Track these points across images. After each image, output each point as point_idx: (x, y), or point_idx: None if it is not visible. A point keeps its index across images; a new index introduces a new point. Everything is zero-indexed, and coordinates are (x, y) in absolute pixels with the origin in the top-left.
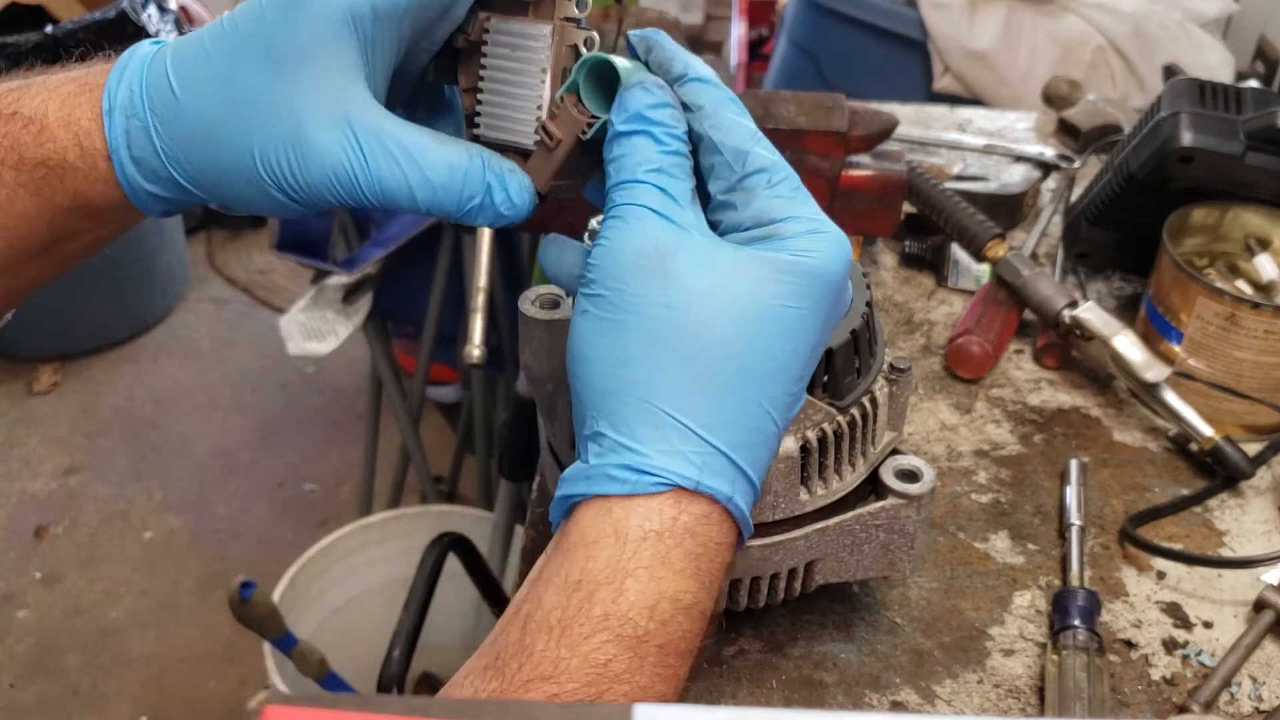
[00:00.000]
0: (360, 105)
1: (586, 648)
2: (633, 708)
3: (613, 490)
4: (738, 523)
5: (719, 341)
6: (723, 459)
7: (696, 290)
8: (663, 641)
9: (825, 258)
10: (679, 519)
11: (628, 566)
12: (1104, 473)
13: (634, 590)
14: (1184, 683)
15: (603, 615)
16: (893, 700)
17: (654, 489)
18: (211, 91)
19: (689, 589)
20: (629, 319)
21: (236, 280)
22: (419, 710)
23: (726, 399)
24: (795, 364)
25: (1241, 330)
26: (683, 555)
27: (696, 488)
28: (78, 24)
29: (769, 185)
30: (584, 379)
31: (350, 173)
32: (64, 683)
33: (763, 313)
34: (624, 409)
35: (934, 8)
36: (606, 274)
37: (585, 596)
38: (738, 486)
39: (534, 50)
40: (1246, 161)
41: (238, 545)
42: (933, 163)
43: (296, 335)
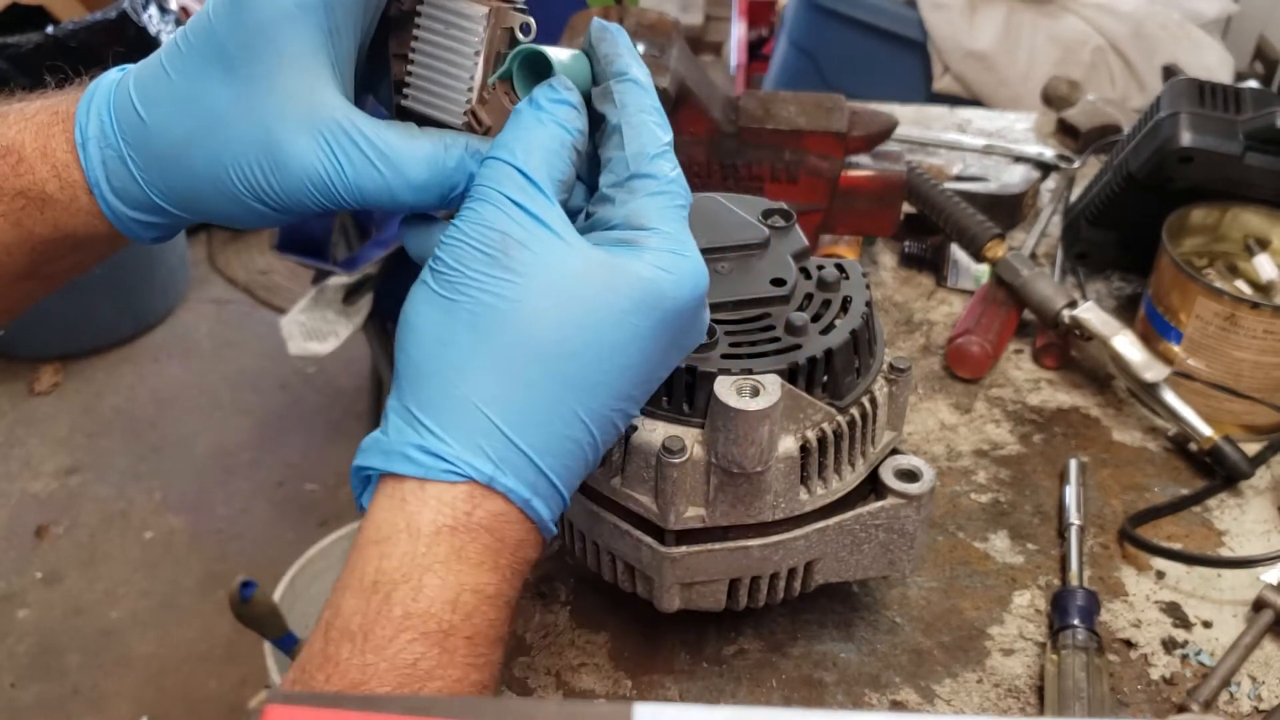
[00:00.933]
0: (328, 105)
1: (392, 650)
2: (633, 707)
3: (406, 470)
4: (538, 526)
5: (544, 342)
6: (524, 460)
7: (534, 287)
8: (470, 633)
9: (678, 281)
10: (473, 514)
11: (423, 562)
12: (1103, 472)
13: (433, 586)
14: (1183, 682)
15: (404, 615)
16: (893, 700)
17: (447, 477)
18: (175, 111)
19: (490, 580)
20: (461, 300)
21: (237, 280)
22: (419, 710)
23: (539, 401)
24: (624, 381)
25: (1241, 330)
26: (479, 549)
27: (490, 484)
28: (79, 24)
29: (651, 193)
30: (405, 349)
31: (326, 178)
32: (64, 683)
33: (597, 321)
34: (433, 390)
35: (934, 8)
36: (451, 252)
37: (383, 598)
38: (539, 490)
39: (468, 30)
40: (1246, 162)
41: (238, 545)
42: (932, 163)
43: (297, 335)
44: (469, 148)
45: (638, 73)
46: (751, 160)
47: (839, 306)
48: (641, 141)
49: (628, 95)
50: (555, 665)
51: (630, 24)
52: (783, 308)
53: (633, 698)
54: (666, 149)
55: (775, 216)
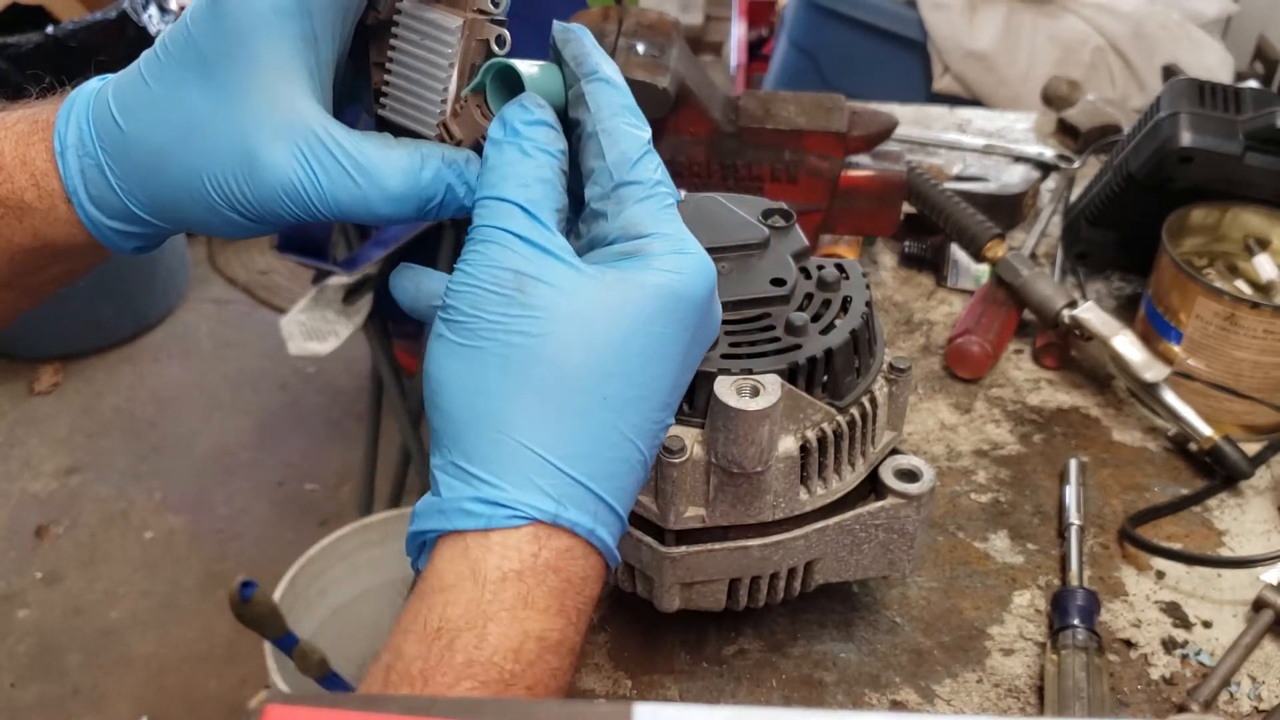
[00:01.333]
0: (305, 114)
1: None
2: (633, 707)
3: (467, 525)
4: (603, 555)
5: (578, 370)
6: (583, 490)
7: (556, 318)
8: (531, 683)
9: (689, 279)
10: (539, 555)
11: (488, 610)
12: (1103, 472)
13: (496, 634)
14: (1183, 682)
15: (465, 663)
16: (893, 700)
17: (510, 523)
18: (153, 118)
19: (555, 626)
20: (486, 346)
21: (237, 280)
22: (419, 710)
23: (586, 429)
24: (660, 390)
25: (1241, 330)
26: (546, 593)
27: (555, 521)
28: (79, 24)
29: (640, 198)
30: (439, 407)
31: (301, 189)
32: (64, 682)
33: (624, 339)
34: (479, 439)
35: (934, 8)
36: (464, 299)
37: (446, 645)
38: (601, 518)
39: (443, 42)
40: (1246, 162)
41: (238, 545)
42: (932, 163)
43: (297, 335)
44: (445, 159)
45: (607, 70)
46: (751, 160)
47: (839, 306)
48: (621, 148)
49: (600, 97)
50: None
51: (630, 24)
52: (783, 308)
53: (633, 698)
54: (647, 150)
55: (775, 216)
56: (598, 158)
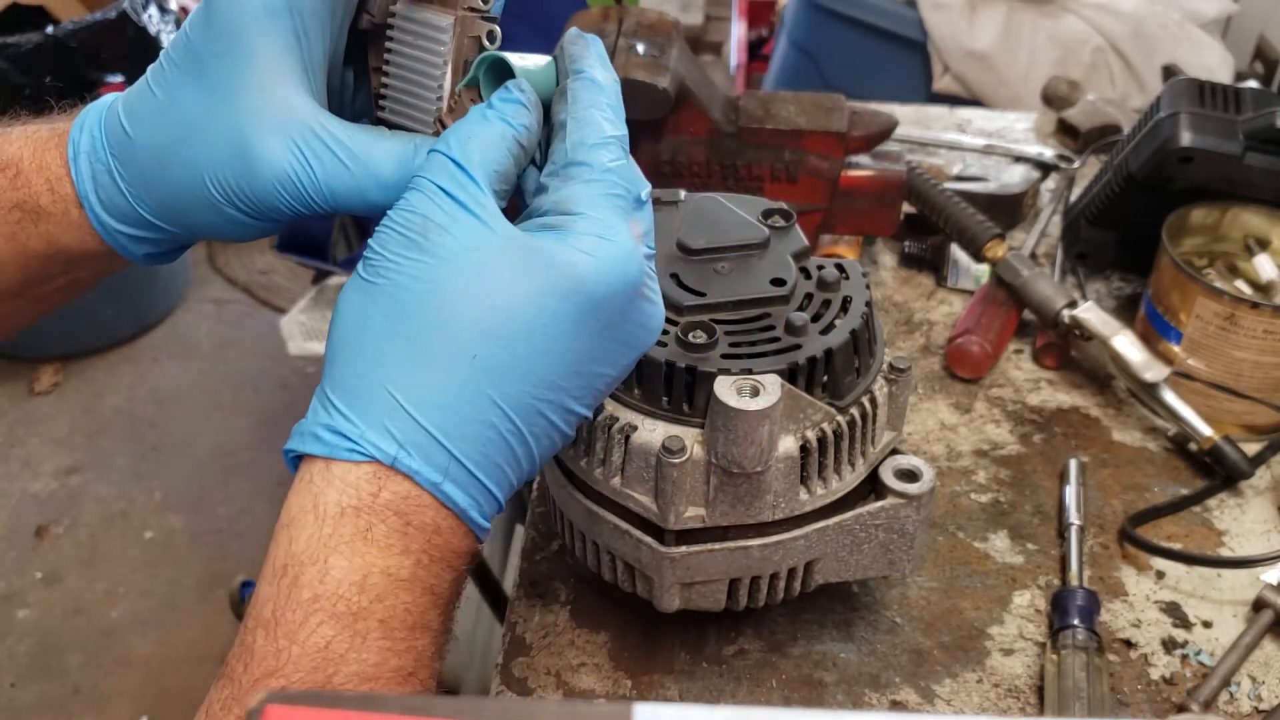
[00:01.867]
0: (298, 107)
1: (303, 634)
2: (633, 707)
3: (314, 450)
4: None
5: (456, 324)
6: (433, 443)
7: (449, 270)
8: (383, 616)
9: (599, 265)
10: (379, 495)
11: (329, 543)
12: (1103, 472)
13: (340, 567)
14: (1183, 682)
15: (312, 597)
16: (892, 700)
17: (349, 456)
18: (156, 121)
19: (402, 564)
20: (380, 284)
21: (237, 281)
22: (419, 710)
23: (450, 383)
24: (542, 367)
25: (1241, 330)
26: (387, 531)
27: (394, 464)
28: (79, 24)
29: (584, 180)
30: (330, 335)
31: (296, 180)
32: (65, 682)
33: (511, 304)
34: (346, 371)
35: (934, 8)
36: (379, 239)
37: (292, 581)
38: (453, 475)
39: (436, 40)
40: (1246, 162)
41: (238, 545)
42: (932, 163)
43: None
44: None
45: (598, 74)
46: (751, 160)
47: (839, 306)
48: (582, 133)
49: (580, 92)
50: (555, 665)
51: (630, 24)
52: (783, 308)
53: (633, 698)
54: (610, 141)
55: (775, 216)
56: (559, 140)
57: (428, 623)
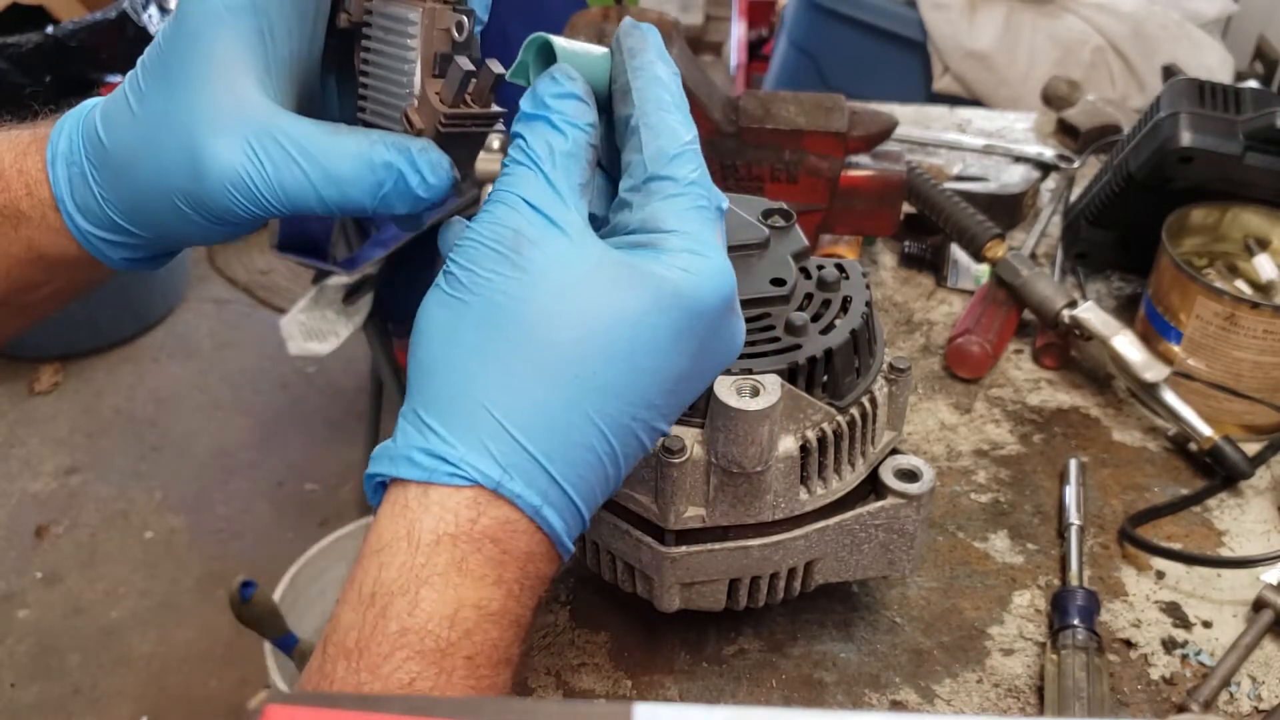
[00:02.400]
0: (251, 107)
1: (387, 668)
2: (633, 707)
3: (410, 475)
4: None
5: (556, 342)
6: (535, 465)
7: (545, 285)
8: (470, 652)
9: (697, 282)
10: (477, 522)
11: (421, 574)
12: (1103, 472)
13: (430, 600)
14: (1183, 682)
15: (399, 630)
16: (893, 700)
17: (450, 481)
18: (126, 126)
19: (493, 596)
20: (472, 300)
21: (237, 280)
22: (419, 710)
23: (550, 403)
24: (645, 387)
25: (1241, 330)
26: (482, 561)
27: (497, 489)
28: (79, 24)
29: (669, 195)
30: (414, 354)
31: (249, 181)
32: (64, 682)
33: (613, 322)
34: (441, 391)
35: (934, 8)
36: (463, 252)
37: (380, 611)
38: (552, 499)
39: (406, 34)
40: (1246, 162)
41: (238, 545)
42: (932, 163)
43: (297, 335)
44: (395, 144)
45: (660, 70)
46: (751, 160)
47: (839, 306)
48: (660, 142)
49: (646, 91)
50: (555, 665)
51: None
52: (783, 308)
53: (633, 698)
54: (687, 149)
55: (775, 216)
56: (636, 151)
57: (510, 656)
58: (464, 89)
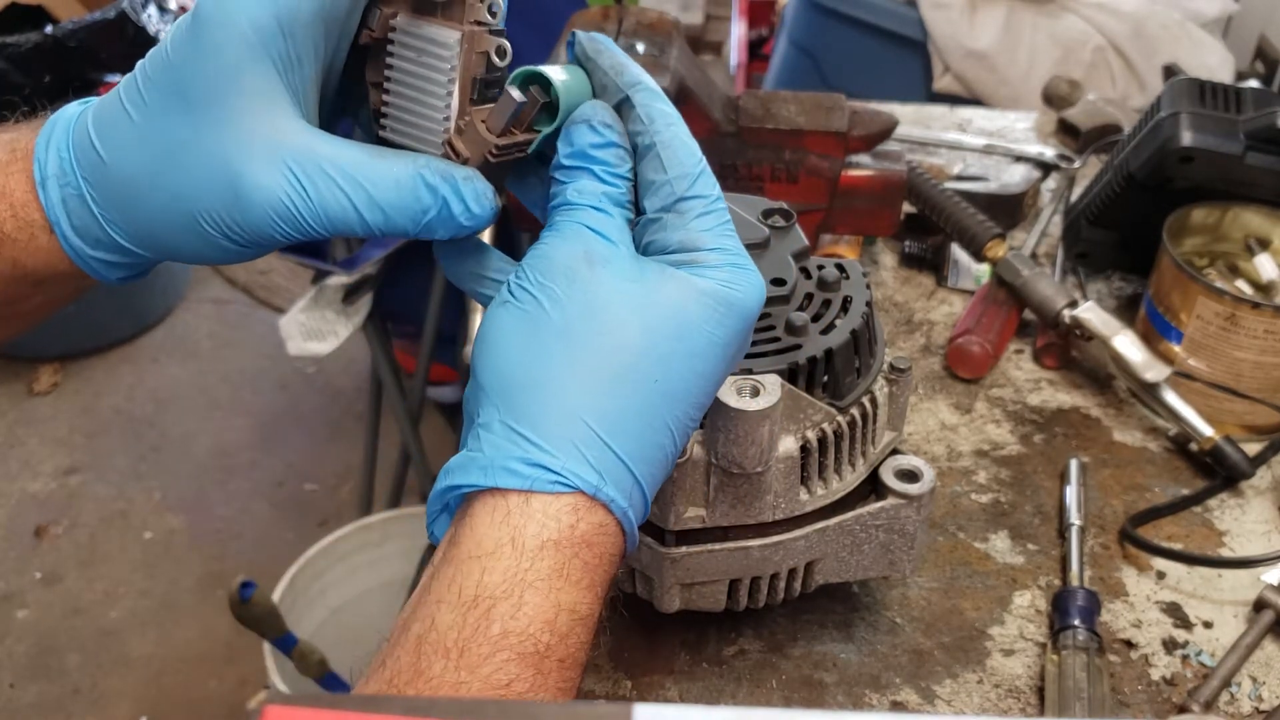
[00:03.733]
0: (289, 132)
1: (487, 669)
2: (633, 707)
3: (511, 484)
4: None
5: (635, 350)
6: (623, 469)
7: (619, 298)
8: (563, 655)
9: (746, 292)
10: (577, 527)
11: (526, 578)
12: (1104, 473)
13: (533, 604)
14: (1184, 683)
15: (501, 633)
16: (893, 700)
17: (553, 489)
18: (133, 146)
19: (585, 600)
20: (550, 315)
21: (237, 280)
22: (419, 710)
23: (635, 408)
24: (701, 390)
25: (1241, 330)
26: (580, 566)
27: (596, 494)
28: (78, 24)
29: (701, 213)
30: (491, 367)
31: (292, 208)
32: (64, 683)
33: (680, 330)
34: (532, 402)
35: (934, 8)
36: (536, 270)
37: (483, 614)
38: (634, 500)
39: (441, 58)
40: (1246, 161)
41: (238, 545)
42: (933, 163)
43: (296, 335)
44: (441, 172)
45: (649, 81)
46: (751, 160)
47: (839, 306)
48: (682, 163)
49: (653, 109)
50: None
51: (630, 24)
52: (783, 308)
53: (633, 698)
54: (704, 165)
55: (775, 216)
56: (658, 171)
57: (587, 658)
58: (514, 119)
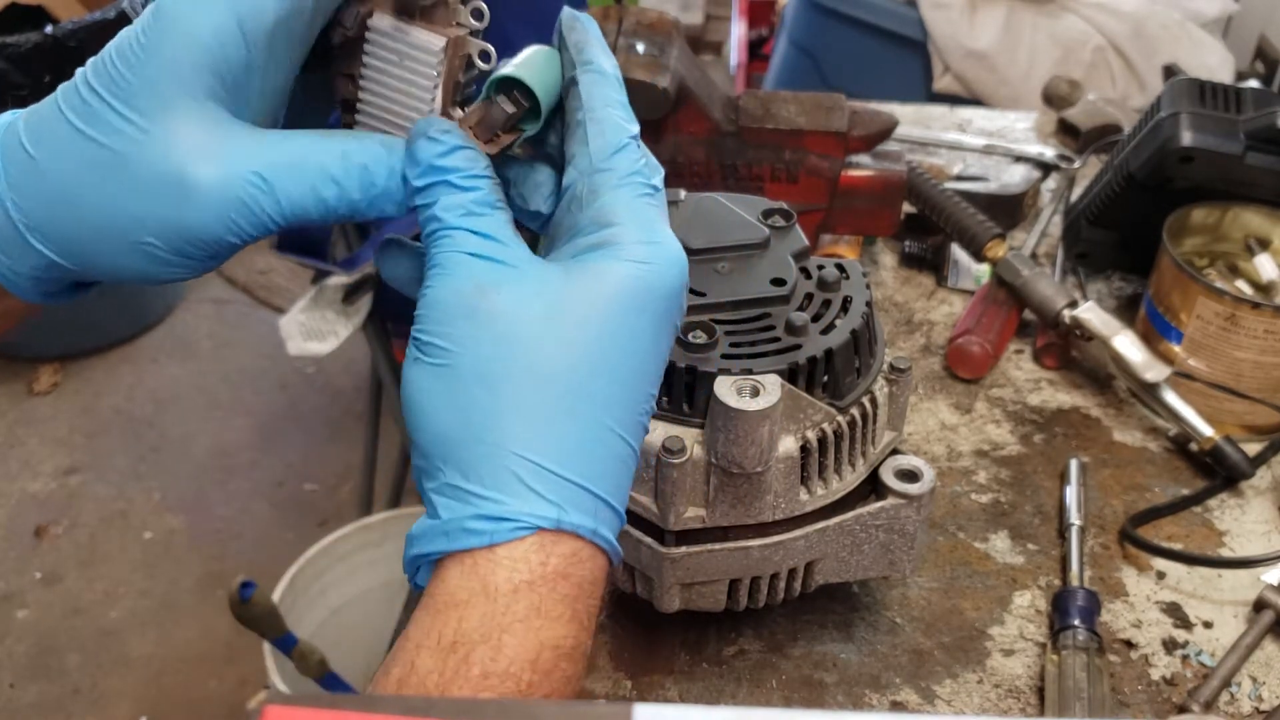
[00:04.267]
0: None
1: None
2: (633, 707)
3: (471, 544)
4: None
5: (557, 371)
6: (581, 492)
7: (526, 320)
8: (548, 691)
9: (659, 271)
10: (548, 563)
11: (502, 622)
12: (1104, 473)
13: (512, 645)
14: (1184, 683)
15: (482, 675)
16: (893, 700)
17: (515, 534)
18: (69, 150)
19: (568, 633)
20: (462, 361)
21: (236, 280)
22: (419, 710)
23: (574, 429)
24: (640, 382)
25: (1241, 330)
26: (558, 600)
27: (558, 526)
28: (78, 24)
29: (613, 186)
30: (424, 429)
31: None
32: (64, 683)
33: (599, 334)
34: (471, 456)
35: (934, 8)
36: (431, 319)
37: (462, 658)
38: (601, 516)
39: (426, 63)
40: (1246, 161)
41: (238, 545)
42: (933, 163)
43: (296, 335)
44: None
45: (604, 63)
46: (751, 160)
47: (839, 306)
48: (605, 137)
49: (593, 88)
50: None
51: (630, 23)
52: (783, 308)
53: (633, 698)
54: (629, 143)
55: (775, 216)
56: (581, 144)
57: (577, 689)
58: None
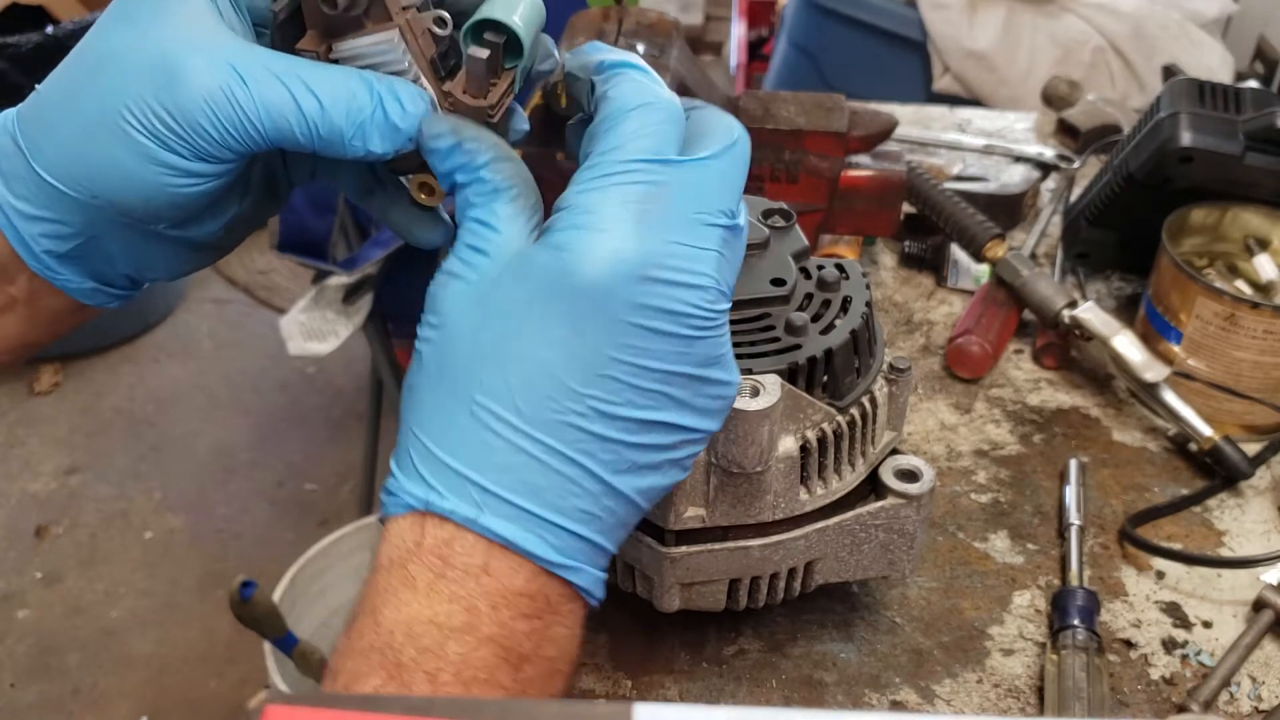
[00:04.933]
0: (229, 35)
1: (357, 684)
2: (633, 707)
3: (383, 512)
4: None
5: (459, 358)
6: (460, 479)
7: (454, 310)
8: (432, 669)
9: (576, 258)
10: (422, 543)
11: (381, 594)
12: (1103, 473)
13: (388, 618)
14: (1183, 682)
15: (366, 647)
16: (893, 700)
17: (396, 510)
18: (68, 66)
19: (450, 612)
20: (419, 347)
21: (237, 280)
22: (419, 710)
23: (464, 417)
24: (551, 376)
25: (1241, 330)
26: (431, 578)
27: (427, 508)
28: (79, 24)
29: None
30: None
31: (230, 96)
32: (64, 682)
33: (504, 324)
34: (400, 434)
35: (934, 8)
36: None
37: (355, 630)
38: (491, 507)
39: (392, 60)
40: (1246, 162)
41: (238, 545)
42: (932, 163)
43: (297, 335)
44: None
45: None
46: (751, 160)
47: (839, 306)
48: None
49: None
50: None
51: (630, 24)
52: (783, 308)
53: (633, 698)
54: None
55: (775, 216)
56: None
57: (495, 679)
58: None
